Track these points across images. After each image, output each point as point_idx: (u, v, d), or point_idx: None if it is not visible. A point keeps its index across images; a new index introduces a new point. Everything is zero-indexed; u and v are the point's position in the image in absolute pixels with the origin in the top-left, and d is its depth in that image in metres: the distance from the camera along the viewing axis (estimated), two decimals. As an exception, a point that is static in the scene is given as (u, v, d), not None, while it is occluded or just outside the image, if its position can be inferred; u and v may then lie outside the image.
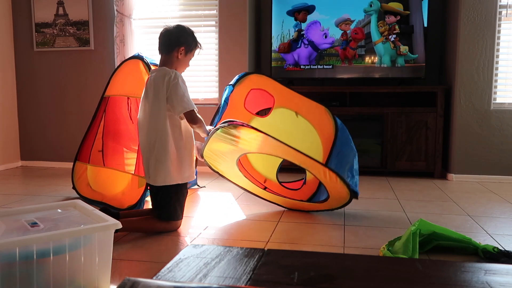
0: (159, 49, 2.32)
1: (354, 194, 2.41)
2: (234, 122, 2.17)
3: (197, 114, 2.23)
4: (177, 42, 2.25)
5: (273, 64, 3.99)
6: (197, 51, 2.36)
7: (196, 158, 2.44)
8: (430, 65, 3.93)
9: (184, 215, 2.63)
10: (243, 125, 2.18)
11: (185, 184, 2.34)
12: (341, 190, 2.41)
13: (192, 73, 3.93)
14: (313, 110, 2.88)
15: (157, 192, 2.29)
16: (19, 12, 4.28)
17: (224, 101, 2.75)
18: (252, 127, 2.20)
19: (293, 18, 3.93)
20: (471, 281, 0.63)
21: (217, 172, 2.66)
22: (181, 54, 2.26)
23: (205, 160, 2.49)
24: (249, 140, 2.30)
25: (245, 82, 2.85)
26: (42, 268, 1.35)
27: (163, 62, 2.30)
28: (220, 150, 2.41)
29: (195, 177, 2.33)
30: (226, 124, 2.16)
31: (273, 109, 2.91)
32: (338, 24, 3.89)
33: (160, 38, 2.30)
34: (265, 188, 2.74)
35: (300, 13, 3.92)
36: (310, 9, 3.91)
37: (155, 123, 2.23)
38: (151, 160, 2.26)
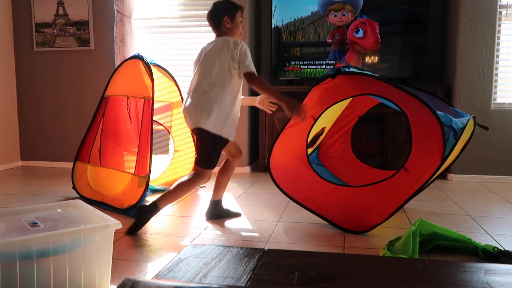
0: (212, 28, 2.47)
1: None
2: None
3: (256, 76, 2.35)
4: (220, 15, 2.42)
5: (274, 64, 3.99)
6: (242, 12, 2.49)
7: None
8: (430, 65, 3.93)
9: (184, 215, 2.64)
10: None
11: (223, 141, 2.37)
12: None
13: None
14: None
15: (201, 137, 2.37)
16: (19, 12, 4.28)
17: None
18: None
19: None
20: (471, 281, 0.63)
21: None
22: (228, 23, 2.43)
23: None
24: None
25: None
26: (42, 268, 1.35)
27: (220, 35, 2.45)
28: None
29: (233, 139, 2.44)
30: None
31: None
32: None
33: (208, 18, 2.47)
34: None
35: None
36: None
37: (212, 74, 2.33)
38: (201, 105, 2.32)
